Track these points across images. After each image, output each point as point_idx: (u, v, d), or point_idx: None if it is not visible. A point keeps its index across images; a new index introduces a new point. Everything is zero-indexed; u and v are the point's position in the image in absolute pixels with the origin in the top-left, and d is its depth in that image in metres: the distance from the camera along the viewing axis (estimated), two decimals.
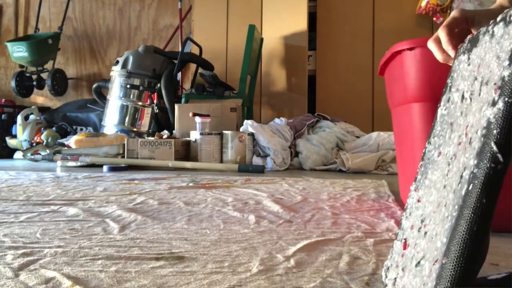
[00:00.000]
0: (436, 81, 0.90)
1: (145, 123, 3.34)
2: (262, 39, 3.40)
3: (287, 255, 0.72)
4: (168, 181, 1.80)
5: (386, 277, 0.58)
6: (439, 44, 0.68)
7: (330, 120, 2.77)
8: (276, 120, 2.72)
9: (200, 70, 3.26)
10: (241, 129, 2.56)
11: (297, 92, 3.43)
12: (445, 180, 0.50)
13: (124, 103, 3.29)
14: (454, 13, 0.68)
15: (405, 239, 0.58)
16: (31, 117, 3.48)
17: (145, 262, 0.67)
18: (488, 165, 0.39)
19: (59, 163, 2.48)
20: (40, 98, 4.19)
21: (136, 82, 3.26)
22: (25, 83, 3.85)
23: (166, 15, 4.08)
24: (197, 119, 2.58)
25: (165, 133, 2.79)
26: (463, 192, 0.41)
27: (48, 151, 2.68)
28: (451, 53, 0.65)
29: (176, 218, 1.02)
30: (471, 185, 0.40)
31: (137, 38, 4.13)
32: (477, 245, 0.38)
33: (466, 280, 0.37)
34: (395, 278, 0.54)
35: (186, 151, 2.56)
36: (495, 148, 0.39)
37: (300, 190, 1.55)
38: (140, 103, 3.30)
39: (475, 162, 0.41)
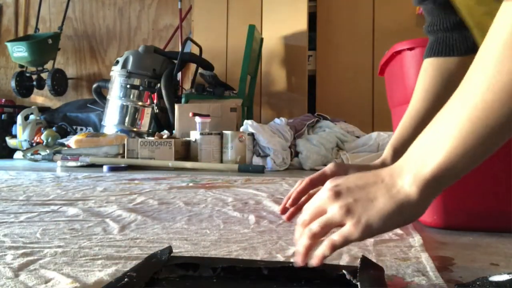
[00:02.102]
0: None
1: (145, 123, 3.34)
2: (262, 39, 3.40)
3: (287, 255, 0.72)
4: (168, 181, 1.80)
5: None
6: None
7: (330, 120, 2.77)
8: (276, 120, 2.72)
9: (200, 70, 3.26)
10: (241, 129, 2.56)
11: (297, 92, 3.43)
12: None
13: (124, 103, 3.29)
14: (328, 168, 0.60)
15: None
16: (31, 117, 3.48)
17: None
18: None
19: (59, 163, 2.48)
20: (40, 98, 4.19)
21: (136, 82, 3.26)
22: (25, 83, 3.84)
23: (166, 15, 4.08)
24: (197, 119, 2.58)
25: (165, 133, 2.79)
26: None
27: (48, 151, 2.68)
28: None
29: (176, 218, 1.02)
30: None
31: (137, 38, 4.13)
32: None
33: None
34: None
35: (186, 151, 2.56)
36: None
37: None
38: (140, 103, 3.30)
39: None
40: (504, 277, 0.53)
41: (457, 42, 0.65)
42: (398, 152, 0.62)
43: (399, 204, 0.42)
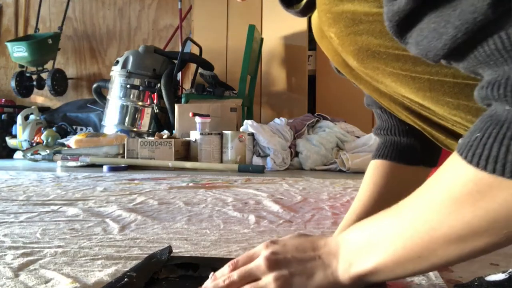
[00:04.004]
0: None
1: (145, 123, 3.34)
2: (262, 39, 3.40)
3: None
4: (168, 181, 1.80)
5: None
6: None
7: (330, 120, 2.77)
8: (276, 120, 2.72)
9: (200, 70, 3.26)
10: (241, 129, 2.56)
11: (297, 92, 3.43)
12: None
13: (124, 103, 3.29)
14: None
15: None
16: (31, 117, 3.48)
17: None
18: None
19: (59, 163, 2.47)
20: (40, 98, 4.19)
21: (136, 82, 3.26)
22: (25, 83, 3.84)
23: (166, 15, 4.08)
24: (197, 119, 2.58)
25: (165, 133, 2.79)
26: None
27: (48, 151, 2.68)
28: None
29: (176, 218, 1.02)
30: None
31: (137, 38, 4.13)
32: None
33: None
34: None
35: (186, 151, 2.56)
36: None
37: (300, 190, 1.55)
38: (140, 103, 3.30)
39: None
40: (500, 276, 0.53)
41: (406, 149, 0.63)
42: None
43: (331, 286, 0.43)
